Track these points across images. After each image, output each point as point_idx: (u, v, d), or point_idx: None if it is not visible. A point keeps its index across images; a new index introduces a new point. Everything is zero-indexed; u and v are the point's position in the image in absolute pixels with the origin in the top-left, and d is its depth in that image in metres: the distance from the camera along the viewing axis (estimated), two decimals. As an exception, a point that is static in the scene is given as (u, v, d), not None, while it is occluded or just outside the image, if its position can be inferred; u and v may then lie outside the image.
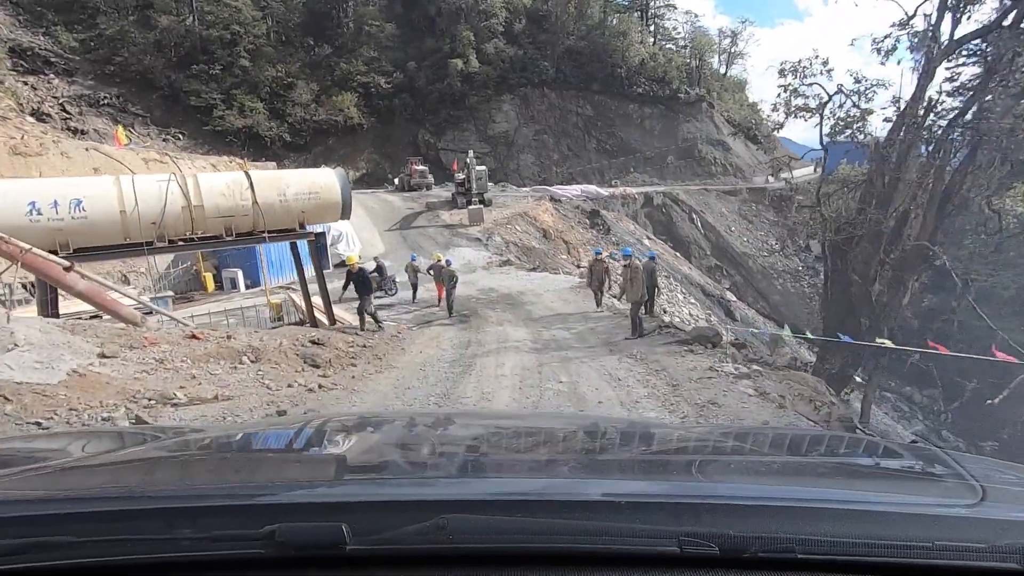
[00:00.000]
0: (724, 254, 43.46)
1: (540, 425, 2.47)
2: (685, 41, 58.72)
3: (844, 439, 2.65)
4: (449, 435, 2.07)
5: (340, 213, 14.39)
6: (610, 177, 49.58)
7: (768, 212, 47.74)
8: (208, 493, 1.15)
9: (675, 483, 1.36)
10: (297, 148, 48.34)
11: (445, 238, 29.73)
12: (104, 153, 24.49)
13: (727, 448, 1.84)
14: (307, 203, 13.80)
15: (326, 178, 14.17)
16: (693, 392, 7.96)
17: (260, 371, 8.68)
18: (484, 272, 24.65)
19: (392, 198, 37.91)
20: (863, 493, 1.27)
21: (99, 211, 11.71)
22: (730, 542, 0.89)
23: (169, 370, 8.31)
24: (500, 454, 1.72)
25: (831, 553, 0.89)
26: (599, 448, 1.84)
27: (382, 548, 0.91)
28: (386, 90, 50.80)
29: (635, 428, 2.42)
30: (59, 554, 0.89)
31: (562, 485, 1.29)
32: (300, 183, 13.83)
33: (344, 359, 9.90)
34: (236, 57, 47.30)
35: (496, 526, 0.94)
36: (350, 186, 14.76)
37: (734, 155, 53.17)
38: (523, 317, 15.82)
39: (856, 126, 19.97)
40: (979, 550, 0.90)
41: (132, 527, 0.94)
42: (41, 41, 44.07)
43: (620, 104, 52.83)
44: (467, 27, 51.54)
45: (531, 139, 51.49)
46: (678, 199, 44.93)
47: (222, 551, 0.91)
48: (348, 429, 2.14)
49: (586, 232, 33.99)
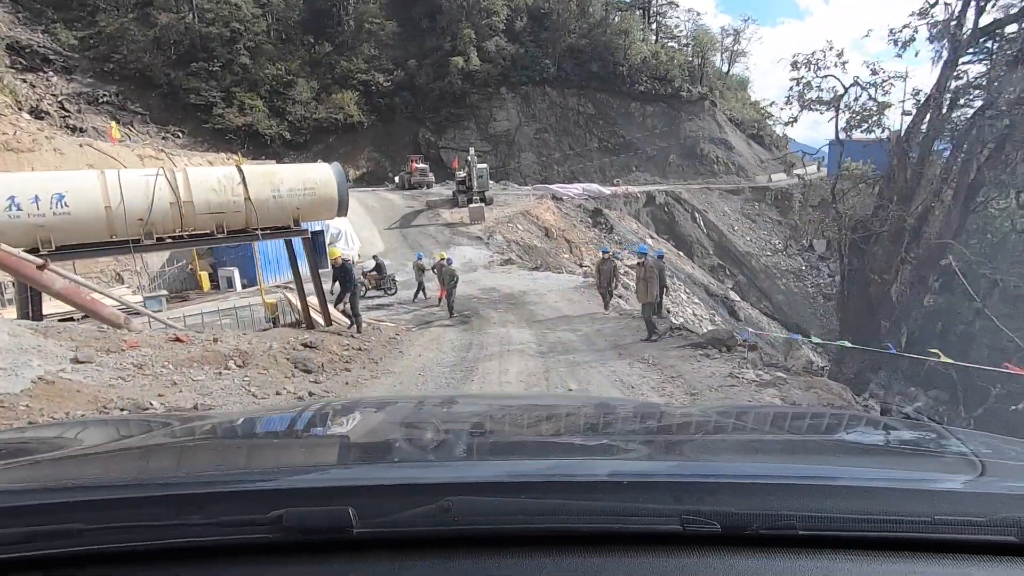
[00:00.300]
0: (727, 253, 42.74)
1: (543, 407, 2.39)
2: (687, 39, 57.93)
3: (844, 416, 2.59)
4: (453, 418, 2.03)
5: (336, 210, 13.70)
6: (612, 176, 48.85)
7: (771, 211, 47.05)
8: (215, 479, 1.13)
9: (677, 462, 1.35)
10: (297, 146, 47.70)
11: (446, 237, 29.07)
12: (98, 149, 23.85)
13: (728, 427, 1.83)
14: (302, 199, 13.12)
15: (322, 173, 13.48)
16: (714, 402, 7.31)
17: (247, 377, 8.01)
18: (485, 271, 23.97)
19: (392, 196, 37.23)
20: (863, 469, 1.24)
21: (82, 207, 11.04)
22: (732, 520, 0.89)
23: (148, 376, 7.65)
24: (504, 436, 1.71)
25: (832, 529, 0.89)
26: (602, 429, 1.84)
27: (388, 531, 0.90)
28: (387, 88, 50.12)
29: (637, 409, 2.36)
30: (68, 542, 0.88)
31: (566, 466, 1.27)
32: (294, 179, 13.15)
33: (338, 363, 9.24)
34: (236, 55, 46.68)
35: (501, 508, 0.93)
36: (347, 182, 14.09)
37: (736, 154, 52.38)
38: (526, 318, 15.15)
39: (872, 120, 19.11)
40: (978, 523, 0.89)
41: (140, 514, 0.93)
42: (40, 38, 43.52)
43: (622, 102, 52.03)
44: (468, 25, 50.79)
45: (532, 138, 50.74)
46: (680, 198, 44.21)
47: (229, 536, 0.90)
48: (353, 413, 2.12)
49: (588, 231, 33.31)
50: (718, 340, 10.60)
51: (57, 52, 43.40)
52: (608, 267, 15.38)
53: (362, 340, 10.89)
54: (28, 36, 43.11)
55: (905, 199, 16.99)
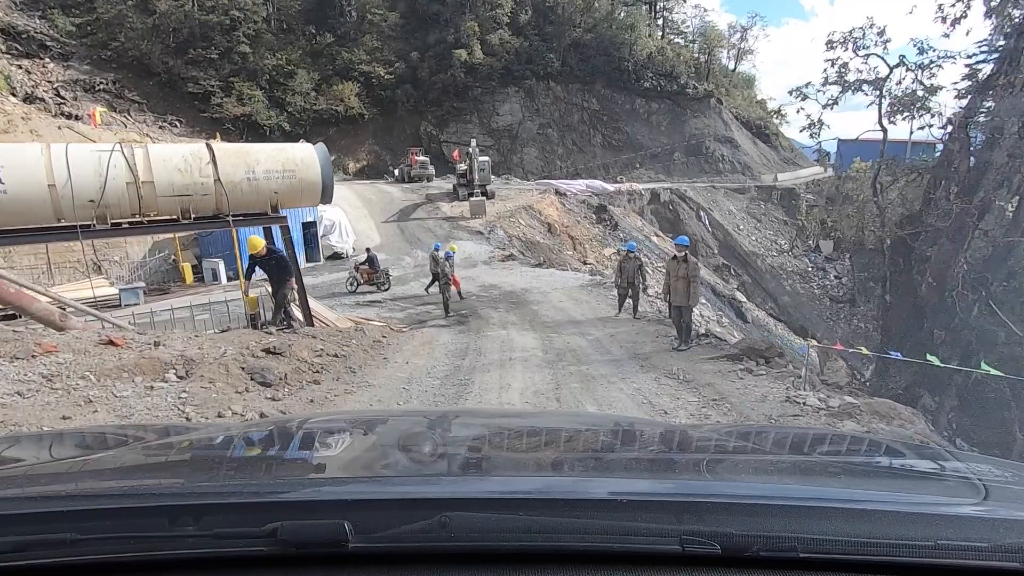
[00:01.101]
0: (732, 253, 40.95)
1: (542, 423, 2.28)
2: (694, 35, 55.89)
3: (847, 438, 2.37)
4: (451, 433, 1.92)
5: (320, 196, 11.97)
6: (615, 173, 47.06)
7: (777, 211, 45.20)
8: (211, 491, 1.10)
9: (678, 482, 1.29)
10: (296, 138, 45.57)
11: (445, 231, 27.34)
12: (78, 132, 22.15)
13: (730, 447, 1.75)
14: (280, 183, 11.42)
15: (303, 154, 11.75)
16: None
17: (186, 392, 6.30)
18: (485, 267, 22.25)
19: (391, 189, 35.47)
20: (866, 492, 1.20)
21: (21, 184, 9.36)
22: (732, 541, 0.87)
23: (58, 390, 5.94)
24: (502, 452, 1.65)
25: (833, 552, 0.86)
26: (601, 446, 1.76)
27: (384, 546, 0.88)
28: (388, 80, 48.31)
29: (637, 427, 2.21)
30: (62, 552, 0.86)
31: (564, 483, 1.23)
32: (272, 159, 11.43)
33: (306, 374, 7.52)
34: (235, 43, 44.91)
35: (497, 524, 0.90)
36: (332, 165, 12.38)
37: (742, 152, 50.43)
38: (529, 319, 13.42)
39: (919, 105, 17.09)
40: (981, 549, 0.87)
41: (135, 525, 0.91)
42: (37, 24, 41.86)
43: (627, 98, 50.13)
44: (472, 17, 48.93)
45: (535, 133, 48.91)
46: (685, 196, 42.43)
47: (225, 549, 0.88)
48: (351, 426, 2.04)
49: (592, 227, 31.60)
50: (755, 351, 8.87)
51: (54, 39, 41.79)
52: (632, 265, 13.20)
53: (340, 344, 9.14)
54: (25, 22, 41.51)
55: (967, 191, 14.99)
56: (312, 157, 11.76)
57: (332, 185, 12.24)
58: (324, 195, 12.14)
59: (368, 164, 47.65)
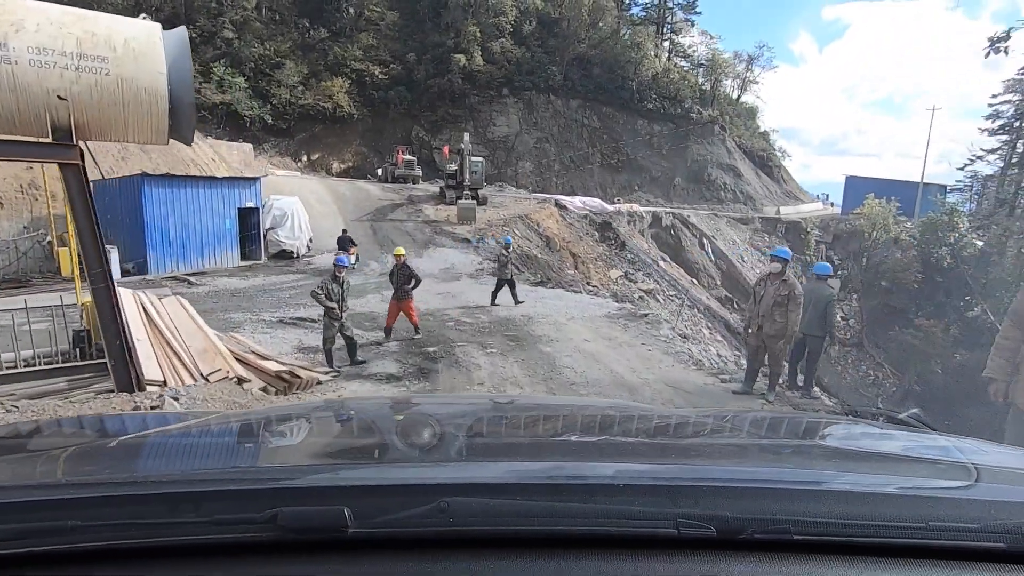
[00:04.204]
0: (736, 285, 35.24)
1: (540, 410, 2.00)
2: (701, 59, 50.69)
3: (840, 422, 2.04)
4: (450, 419, 1.70)
5: (162, 123, 5.72)
6: (613, 193, 41.41)
7: (782, 244, 39.74)
8: (210, 478, 1.04)
9: (673, 466, 1.21)
10: (279, 132, 39.74)
11: (425, 236, 21.17)
12: None
13: (725, 432, 1.62)
14: (75, 78, 5.21)
15: (132, 33, 5.55)
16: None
17: None
18: (471, 281, 16.08)
19: (369, 186, 29.20)
20: (858, 474, 1.14)
21: None
22: (727, 523, 0.84)
23: None
24: (501, 437, 1.53)
25: (826, 533, 0.84)
26: (599, 432, 1.62)
27: (383, 531, 0.84)
28: (382, 80, 42.42)
29: (634, 412, 2.01)
30: (62, 539, 0.82)
31: (562, 468, 1.15)
32: (58, 30, 5.22)
33: None
34: (220, 27, 38.76)
35: (497, 509, 0.87)
36: (191, 63, 6.15)
37: (744, 182, 45.05)
38: (542, 371, 7.25)
39: None
40: (971, 530, 0.85)
41: (135, 511, 0.86)
42: None
43: (628, 118, 44.61)
44: (474, 22, 43.33)
45: (532, 146, 43.15)
46: (688, 222, 36.76)
47: (224, 535, 0.84)
48: (349, 412, 1.84)
49: (596, 246, 25.59)
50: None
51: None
52: (772, 291, 7.31)
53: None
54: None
55: None
56: (152, 39, 5.54)
57: (191, 105, 6.06)
58: (178, 126, 5.91)
59: (354, 165, 41.50)
